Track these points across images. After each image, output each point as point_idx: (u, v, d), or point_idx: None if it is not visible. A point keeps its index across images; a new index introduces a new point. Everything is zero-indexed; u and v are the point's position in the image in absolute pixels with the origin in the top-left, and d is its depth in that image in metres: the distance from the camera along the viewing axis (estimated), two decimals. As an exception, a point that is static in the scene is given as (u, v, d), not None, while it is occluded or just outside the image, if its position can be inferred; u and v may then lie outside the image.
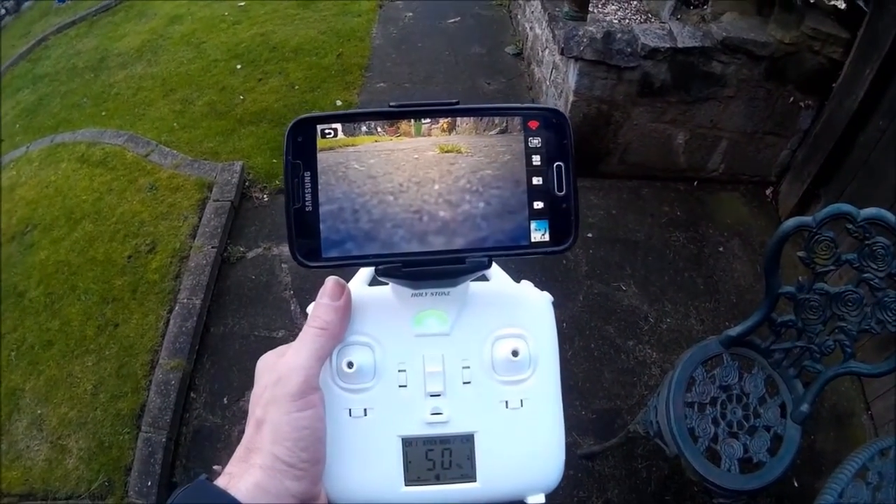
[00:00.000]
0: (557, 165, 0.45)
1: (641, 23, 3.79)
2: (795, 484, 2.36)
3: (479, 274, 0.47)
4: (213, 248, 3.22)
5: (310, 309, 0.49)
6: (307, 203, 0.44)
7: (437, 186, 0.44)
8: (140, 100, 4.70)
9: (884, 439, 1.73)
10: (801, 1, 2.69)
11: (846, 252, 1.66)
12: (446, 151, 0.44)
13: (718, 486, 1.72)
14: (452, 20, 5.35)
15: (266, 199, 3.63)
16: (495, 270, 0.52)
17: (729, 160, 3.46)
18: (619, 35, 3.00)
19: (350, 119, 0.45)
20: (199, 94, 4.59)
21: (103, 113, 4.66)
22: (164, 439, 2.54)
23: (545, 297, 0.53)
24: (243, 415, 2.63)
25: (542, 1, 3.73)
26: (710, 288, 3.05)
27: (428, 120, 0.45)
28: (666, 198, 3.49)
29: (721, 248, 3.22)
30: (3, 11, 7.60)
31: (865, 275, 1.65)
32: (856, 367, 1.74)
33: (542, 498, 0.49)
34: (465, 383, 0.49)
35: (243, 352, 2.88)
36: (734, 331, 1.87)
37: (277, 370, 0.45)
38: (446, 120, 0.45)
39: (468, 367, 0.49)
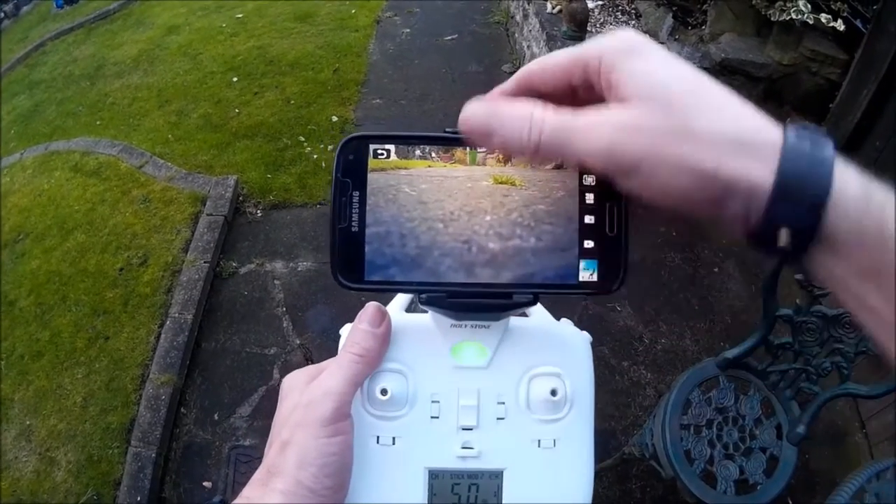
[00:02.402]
0: (611, 205, 0.44)
1: (638, 43, 3.80)
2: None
3: (523, 310, 0.46)
4: (205, 262, 3.20)
5: (343, 331, 0.48)
6: (353, 223, 0.43)
7: (488, 217, 0.43)
8: (135, 110, 4.69)
9: (881, 462, 1.73)
10: (799, 22, 2.70)
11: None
12: (500, 183, 0.43)
13: (714, 509, 1.71)
14: (450, 37, 5.36)
15: (259, 215, 3.62)
16: (536, 306, 0.52)
17: (725, 181, 3.43)
18: (616, 55, 2.99)
19: (404, 141, 0.44)
20: (194, 106, 4.59)
21: (98, 122, 4.65)
22: (153, 454, 2.51)
23: (584, 337, 0.53)
24: (234, 431, 2.63)
25: (541, 20, 3.76)
26: (705, 308, 3.04)
27: (483, 149, 0.43)
28: (661, 218, 3.49)
29: (716, 269, 3.22)
30: (2, 15, 7.64)
31: (863, 297, 1.64)
32: (853, 389, 1.74)
33: None
34: (499, 419, 0.48)
35: (235, 368, 2.85)
36: (731, 353, 1.86)
37: (309, 392, 0.44)
38: None
39: (503, 403, 0.48)
